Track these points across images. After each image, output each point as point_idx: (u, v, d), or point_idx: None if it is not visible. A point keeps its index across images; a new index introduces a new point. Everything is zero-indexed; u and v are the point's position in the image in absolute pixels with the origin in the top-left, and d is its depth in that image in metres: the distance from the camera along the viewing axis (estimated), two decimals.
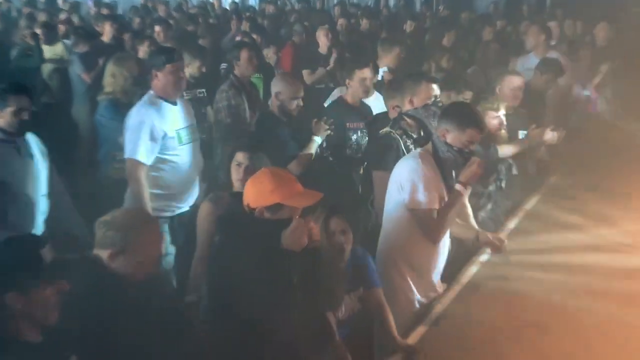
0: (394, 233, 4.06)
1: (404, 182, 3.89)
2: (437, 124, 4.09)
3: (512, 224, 5.34)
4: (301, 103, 5.58)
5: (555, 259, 4.63)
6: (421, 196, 3.79)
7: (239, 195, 3.31)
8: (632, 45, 9.25)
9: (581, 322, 3.81)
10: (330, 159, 5.71)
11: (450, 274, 4.39)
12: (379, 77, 6.54)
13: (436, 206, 3.81)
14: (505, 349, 3.53)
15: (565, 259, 4.62)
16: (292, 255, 3.04)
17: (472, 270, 4.53)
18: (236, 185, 4.07)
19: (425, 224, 3.86)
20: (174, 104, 5.09)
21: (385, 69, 6.91)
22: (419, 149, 4.18)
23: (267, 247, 2.97)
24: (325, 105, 6.33)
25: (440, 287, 4.23)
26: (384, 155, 4.66)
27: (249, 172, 3.82)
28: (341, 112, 5.74)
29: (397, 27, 11.43)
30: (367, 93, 5.84)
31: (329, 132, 5.37)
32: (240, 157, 4.13)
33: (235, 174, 4.11)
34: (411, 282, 3.98)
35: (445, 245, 4.14)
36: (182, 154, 5.07)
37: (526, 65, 7.85)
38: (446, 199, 3.91)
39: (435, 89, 5.01)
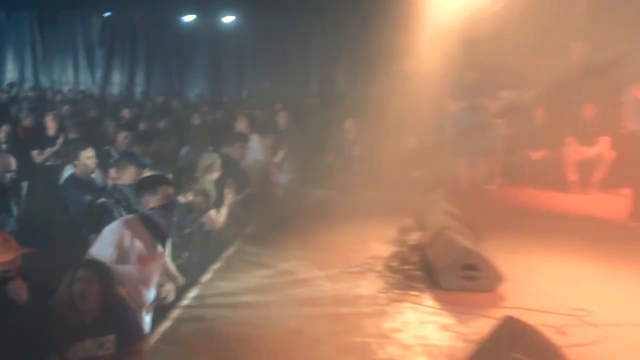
0: None
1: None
2: (137, 198, 4.79)
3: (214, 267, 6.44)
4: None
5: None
6: (97, 250, 4.40)
7: None
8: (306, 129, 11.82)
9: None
10: None
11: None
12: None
13: (109, 260, 4.25)
14: None
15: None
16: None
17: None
18: None
19: None
20: None
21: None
22: (130, 216, 4.73)
23: None
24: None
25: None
26: (99, 220, 5.09)
27: None
28: (75, 186, 6.41)
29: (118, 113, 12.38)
30: (93, 170, 6.65)
31: None
32: None
33: None
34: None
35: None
36: None
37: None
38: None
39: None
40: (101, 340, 3.90)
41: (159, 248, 4.70)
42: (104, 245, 4.45)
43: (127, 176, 5.78)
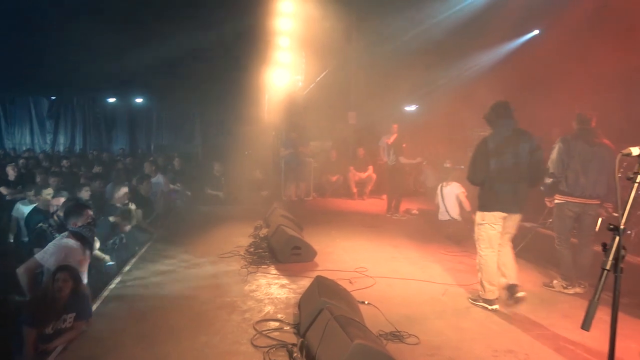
0: None
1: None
2: (66, 221, 4.46)
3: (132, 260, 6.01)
4: None
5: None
6: (42, 258, 4.07)
7: None
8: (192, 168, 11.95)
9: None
10: None
11: None
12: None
13: (52, 264, 3.95)
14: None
15: None
16: None
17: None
18: None
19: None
20: None
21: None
22: (66, 233, 4.33)
23: None
24: None
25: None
26: (40, 240, 4.80)
27: None
28: (37, 213, 5.87)
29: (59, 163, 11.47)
30: (49, 203, 5.88)
31: None
32: None
33: None
34: None
35: None
36: None
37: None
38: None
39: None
40: (65, 317, 3.72)
41: (87, 252, 4.37)
42: (48, 255, 4.06)
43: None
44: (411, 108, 14.85)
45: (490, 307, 4.56)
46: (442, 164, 10.12)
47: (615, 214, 5.73)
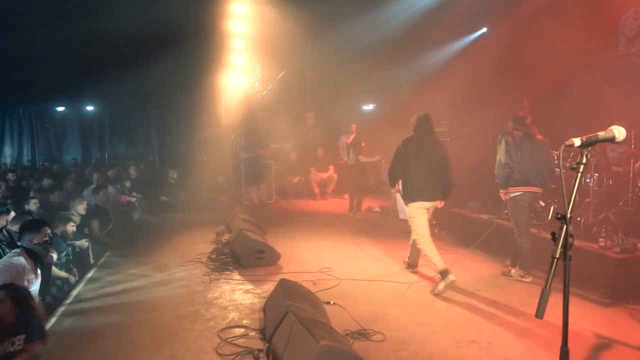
0: None
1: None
2: (21, 237, 4.28)
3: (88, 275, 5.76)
4: None
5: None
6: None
7: None
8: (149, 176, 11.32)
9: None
10: None
11: None
12: None
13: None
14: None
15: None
16: None
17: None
18: None
19: None
20: None
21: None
22: (18, 250, 4.22)
23: None
24: None
25: None
26: None
27: None
28: None
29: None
30: None
31: None
32: None
33: None
34: None
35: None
36: None
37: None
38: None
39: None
40: (14, 339, 3.43)
41: (39, 271, 4.22)
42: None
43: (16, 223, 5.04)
44: (369, 107, 15.02)
45: (450, 279, 4.88)
46: None
47: (543, 203, 6.10)
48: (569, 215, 1.91)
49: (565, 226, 1.89)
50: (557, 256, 1.89)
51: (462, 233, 7.25)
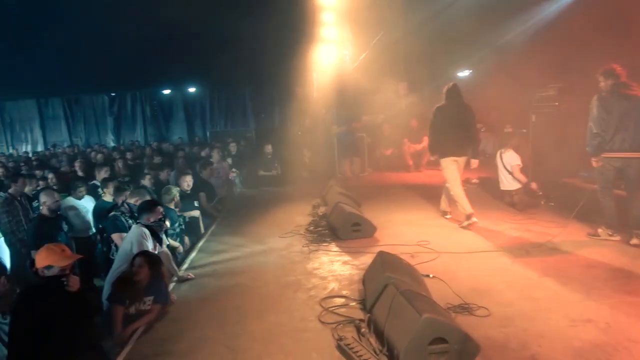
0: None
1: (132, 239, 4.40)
2: (140, 217, 4.66)
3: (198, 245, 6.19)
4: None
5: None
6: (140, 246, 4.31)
7: None
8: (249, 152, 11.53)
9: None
10: None
11: None
12: None
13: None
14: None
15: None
16: None
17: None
18: None
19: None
20: None
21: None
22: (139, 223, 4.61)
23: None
24: None
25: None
26: (117, 226, 5.11)
27: None
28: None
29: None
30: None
31: None
32: None
33: None
34: None
35: None
36: None
37: None
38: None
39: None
40: (145, 299, 3.95)
41: (157, 244, 4.64)
42: (132, 242, 4.37)
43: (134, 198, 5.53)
44: (464, 73, 14.25)
45: (472, 220, 6.06)
46: (502, 129, 9.66)
47: None
48: None
49: None
50: None
51: (574, 205, 6.66)
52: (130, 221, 5.16)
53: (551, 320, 3.56)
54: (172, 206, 6.06)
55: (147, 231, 4.48)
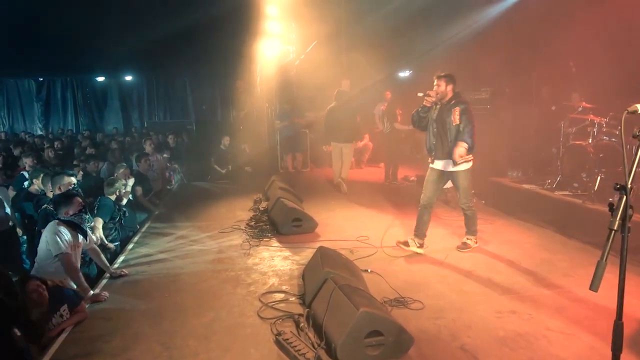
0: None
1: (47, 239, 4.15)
2: (58, 212, 4.39)
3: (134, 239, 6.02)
4: None
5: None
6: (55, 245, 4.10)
7: None
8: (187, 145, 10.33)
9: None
10: None
11: None
12: None
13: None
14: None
15: None
16: None
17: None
18: None
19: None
20: None
21: None
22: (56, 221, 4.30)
23: None
24: None
25: None
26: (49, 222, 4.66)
27: None
28: None
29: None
30: None
31: None
32: None
33: None
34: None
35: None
36: None
37: None
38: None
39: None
40: (60, 312, 3.63)
41: (81, 238, 4.40)
42: (55, 243, 4.15)
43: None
44: (405, 74, 14.65)
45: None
46: None
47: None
48: (629, 186, 1.80)
49: (625, 197, 1.79)
50: (615, 228, 1.80)
51: (501, 203, 7.08)
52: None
53: (479, 312, 3.78)
54: (112, 198, 5.80)
55: (61, 228, 4.19)
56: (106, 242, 5.50)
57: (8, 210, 5.90)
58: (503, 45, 8.93)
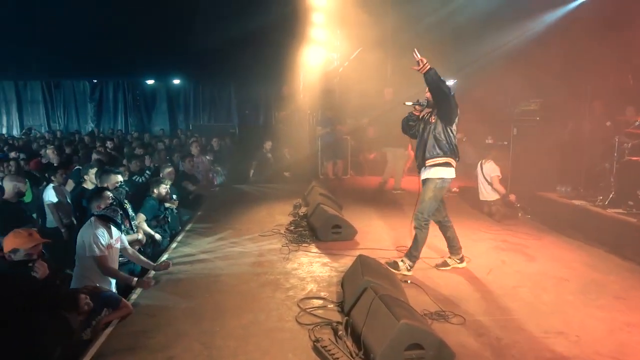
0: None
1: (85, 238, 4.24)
2: (91, 207, 4.55)
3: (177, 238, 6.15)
4: None
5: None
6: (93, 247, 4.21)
7: None
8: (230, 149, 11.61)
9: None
10: None
11: None
12: None
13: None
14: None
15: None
16: None
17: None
18: None
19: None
20: None
21: None
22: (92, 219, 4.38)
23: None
24: None
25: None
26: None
27: None
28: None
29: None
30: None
31: None
32: None
33: None
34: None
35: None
36: None
37: None
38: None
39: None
40: (102, 314, 3.70)
41: (116, 232, 4.54)
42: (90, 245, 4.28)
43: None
44: (450, 82, 14.41)
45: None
46: (483, 140, 9.80)
47: None
48: None
49: None
50: None
51: (548, 218, 6.83)
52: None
53: (524, 331, 3.63)
54: (154, 196, 6.00)
55: (98, 231, 4.27)
56: (152, 232, 5.66)
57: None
58: (555, 56, 8.64)
